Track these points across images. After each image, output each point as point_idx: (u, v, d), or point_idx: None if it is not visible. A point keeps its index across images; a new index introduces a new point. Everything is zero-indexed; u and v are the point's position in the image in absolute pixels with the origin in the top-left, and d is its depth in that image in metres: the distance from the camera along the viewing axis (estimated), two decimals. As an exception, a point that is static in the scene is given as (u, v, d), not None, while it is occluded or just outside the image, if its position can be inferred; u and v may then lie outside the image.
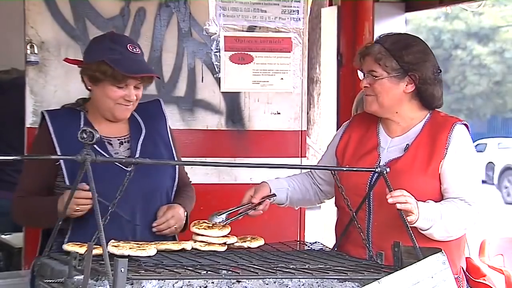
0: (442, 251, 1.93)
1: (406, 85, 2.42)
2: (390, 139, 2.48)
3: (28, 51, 3.13)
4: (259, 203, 2.43)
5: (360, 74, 2.50)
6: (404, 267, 1.87)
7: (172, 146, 2.57)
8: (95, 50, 2.44)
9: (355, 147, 2.51)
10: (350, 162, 2.48)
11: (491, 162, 15.47)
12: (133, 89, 2.41)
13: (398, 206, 2.20)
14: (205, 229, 2.25)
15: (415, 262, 1.88)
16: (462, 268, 2.46)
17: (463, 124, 2.44)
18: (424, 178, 2.38)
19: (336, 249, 2.42)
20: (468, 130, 2.45)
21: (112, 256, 1.87)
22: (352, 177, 2.40)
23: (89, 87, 2.45)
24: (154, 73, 2.52)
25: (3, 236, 3.71)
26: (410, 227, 2.16)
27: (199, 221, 2.31)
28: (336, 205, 2.57)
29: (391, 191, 2.20)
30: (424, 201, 2.32)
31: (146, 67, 2.51)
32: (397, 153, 2.43)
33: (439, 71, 2.46)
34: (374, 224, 2.39)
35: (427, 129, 2.44)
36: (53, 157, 2.40)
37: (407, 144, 2.43)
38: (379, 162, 2.42)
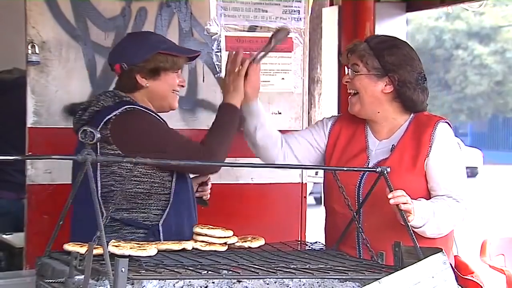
0: (443, 251, 1.94)
1: (385, 85, 2.46)
2: (378, 142, 2.52)
3: (29, 51, 3.13)
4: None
5: (347, 70, 2.54)
6: (405, 267, 1.87)
7: None
8: (141, 47, 2.50)
9: (343, 148, 2.54)
10: (338, 163, 2.50)
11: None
12: (178, 76, 2.55)
13: (403, 206, 2.21)
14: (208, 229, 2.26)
15: (416, 262, 1.88)
16: (451, 265, 2.48)
17: (446, 122, 2.48)
18: (411, 177, 2.41)
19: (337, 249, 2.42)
20: (451, 128, 2.50)
21: (112, 256, 1.87)
22: (341, 178, 2.40)
23: (145, 84, 2.49)
24: (193, 53, 2.65)
25: (4, 236, 3.71)
26: (402, 225, 2.17)
27: (202, 226, 2.31)
28: (325, 206, 2.59)
29: (392, 191, 2.21)
30: (415, 199, 2.34)
31: (190, 48, 2.82)
32: (384, 154, 2.47)
33: (424, 79, 2.49)
34: (364, 224, 2.41)
35: (411, 129, 2.48)
36: (54, 157, 2.40)
37: (392, 145, 2.47)
38: (368, 164, 2.46)
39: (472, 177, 17.28)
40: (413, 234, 2.11)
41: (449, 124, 2.49)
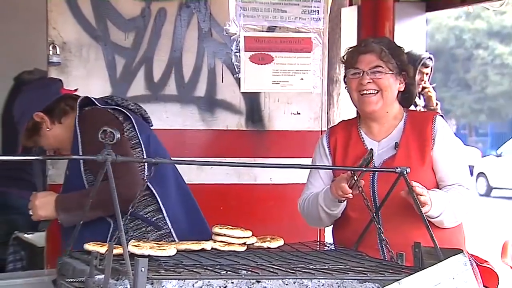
0: (463, 252, 1.92)
1: (400, 83, 2.53)
2: (377, 143, 2.53)
3: (50, 52, 3.16)
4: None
5: (350, 72, 2.51)
6: (425, 268, 1.86)
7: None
8: None
9: (343, 156, 2.54)
10: (342, 172, 2.48)
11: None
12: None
13: (422, 198, 2.26)
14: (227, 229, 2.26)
15: (436, 263, 1.87)
16: (468, 253, 2.49)
17: (441, 115, 2.56)
18: (422, 170, 2.45)
19: (356, 249, 2.41)
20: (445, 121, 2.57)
21: (132, 255, 1.88)
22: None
23: None
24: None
25: (25, 235, 3.74)
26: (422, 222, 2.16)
27: (221, 226, 2.31)
28: None
29: (411, 191, 2.20)
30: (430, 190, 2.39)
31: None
32: (389, 153, 2.49)
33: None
34: (384, 225, 2.40)
35: (409, 126, 2.53)
36: (74, 157, 2.43)
37: (396, 142, 2.50)
38: (373, 165, 2.46)
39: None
40: (432, 234, 2.09)
41: (443, 117, 2.57)
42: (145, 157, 2.52)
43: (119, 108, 2.59)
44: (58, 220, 2.50)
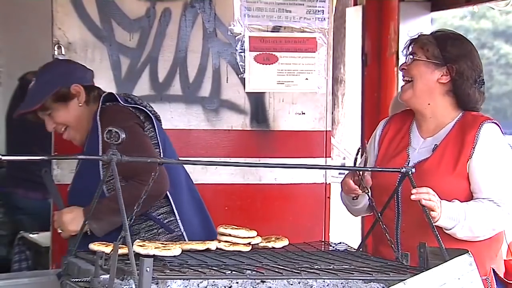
0: (469, 252, 1.91)
1: (442, 76, 2.42)
2: (422, 140, 2.46)
3: (56, 52, 3.17)
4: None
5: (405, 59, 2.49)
6: (430, 268, 1.86)
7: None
8: None
9: (387, 147, 2.51)
10: (381, 162, 2.48)
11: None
12: (47, 120, 2.58)
13: (423, 202, 2.19)
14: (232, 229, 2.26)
15: (441, 263, 1.86)
16: (493, 270, 2.42)
17: (493, 122, 2.41)
18: (450, 178, 2.36)
19: (361, 249, 2.41)
20: (500, 129, 2.42)
21: (137, 255, 1.88)
22: (381, 177, 2.39)
23: None
24: (25, 108, 2.58)
25: (31, 235, 3.75)
26: (437, 227, 2.14)
27: (225, 226, 2.31)
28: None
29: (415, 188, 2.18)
30: (450, 201, 2.30)
31: (23, 105, 2.59)
32: (426, 154, 2.42)
33: (482, 83, 2.44)
34: (403, 224, 2.39)
35: (456, 129, 2.42)
36: (79, 157, 2.44)
37: (435, 145, 2.42)
38: (408, 163, 2.41)
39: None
40: (437, 234, 2.09)
41: (497, 124, 2.42)
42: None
43: (140, 107, 2.59)
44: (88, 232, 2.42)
